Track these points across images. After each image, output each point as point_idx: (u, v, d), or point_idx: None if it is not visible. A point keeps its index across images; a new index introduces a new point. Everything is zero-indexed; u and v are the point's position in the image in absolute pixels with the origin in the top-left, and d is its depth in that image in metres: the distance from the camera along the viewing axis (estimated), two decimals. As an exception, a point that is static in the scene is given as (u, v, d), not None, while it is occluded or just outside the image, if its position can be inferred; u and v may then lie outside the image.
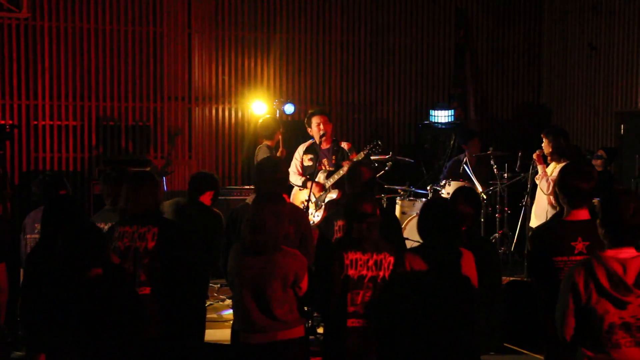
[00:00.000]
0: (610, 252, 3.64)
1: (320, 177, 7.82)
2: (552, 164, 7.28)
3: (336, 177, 7.70)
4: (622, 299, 3.56)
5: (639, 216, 3.63)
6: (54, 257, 4.09)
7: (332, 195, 7.71)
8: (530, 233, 5.80)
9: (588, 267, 3.63)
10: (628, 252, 3.63)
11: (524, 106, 12.67)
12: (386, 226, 5.01)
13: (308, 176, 7.84)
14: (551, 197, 7.03)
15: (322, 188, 7.77)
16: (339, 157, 7.94)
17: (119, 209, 5.06)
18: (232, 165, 11.43)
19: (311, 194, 7.62)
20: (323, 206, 7.67)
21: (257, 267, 4.43)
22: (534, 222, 7.47)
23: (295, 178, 7.90)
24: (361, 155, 7.77)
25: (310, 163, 7.92)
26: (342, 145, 8.04)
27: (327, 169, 7.89)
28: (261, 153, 8.71)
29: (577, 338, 3.68)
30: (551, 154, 7.24)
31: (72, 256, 3.97)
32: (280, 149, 9.01)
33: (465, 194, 5.10)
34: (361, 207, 4.62)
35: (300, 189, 7.97)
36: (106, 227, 5.15)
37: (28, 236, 5.79)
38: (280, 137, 8.97)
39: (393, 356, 4.43)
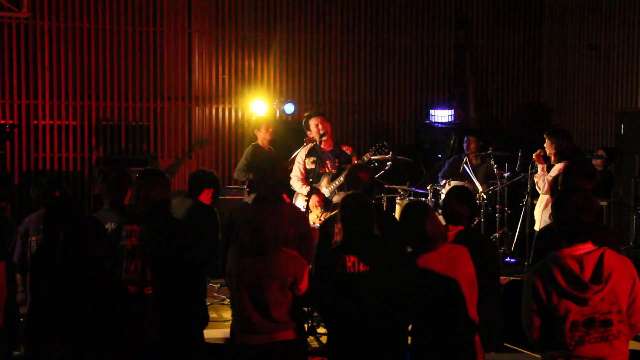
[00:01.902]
0: (566, 251, 3.66)
1: (324, 180, 7.71)
2: (556, 165, 7.25)
3: (337, 183, 7.55)
4: (581, 296, 3.57)
5: (588, 212, 3.65)
6: (56, 255, 4.08)
7: (338, 198, 7.54)
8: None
9: (545, 268, 3.65)
10: (584, 248, 3.64)
11: (524, 106, 12.66)
12: (385, 226, 5.00)
13: (311, 179, 7.68)
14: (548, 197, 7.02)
15: (324, 200, 7.58)
16: (342, 160, 7.78)
17: (127, 206, 4.99)
18: (232, 165, 11.40)
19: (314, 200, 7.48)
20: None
21: (255, 268, 4.41)
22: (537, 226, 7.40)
23: (298, 185, 7.66)
24: (367, 157, 7.68)
25: (313, 166, 7.67)
26: (344, 149, 7.93)
27: (331, 171, 7.75)
28: (245, 152, 8.92)
29: (543, 339, 3.70)
30: (554, 154, 7.23)
31: (73, 250, 3.96)
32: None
33: (458, 193, 5.06)
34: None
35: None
36: (107, 228, 5.11)
37: (33, 238, 5.73)
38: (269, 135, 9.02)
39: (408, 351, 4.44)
